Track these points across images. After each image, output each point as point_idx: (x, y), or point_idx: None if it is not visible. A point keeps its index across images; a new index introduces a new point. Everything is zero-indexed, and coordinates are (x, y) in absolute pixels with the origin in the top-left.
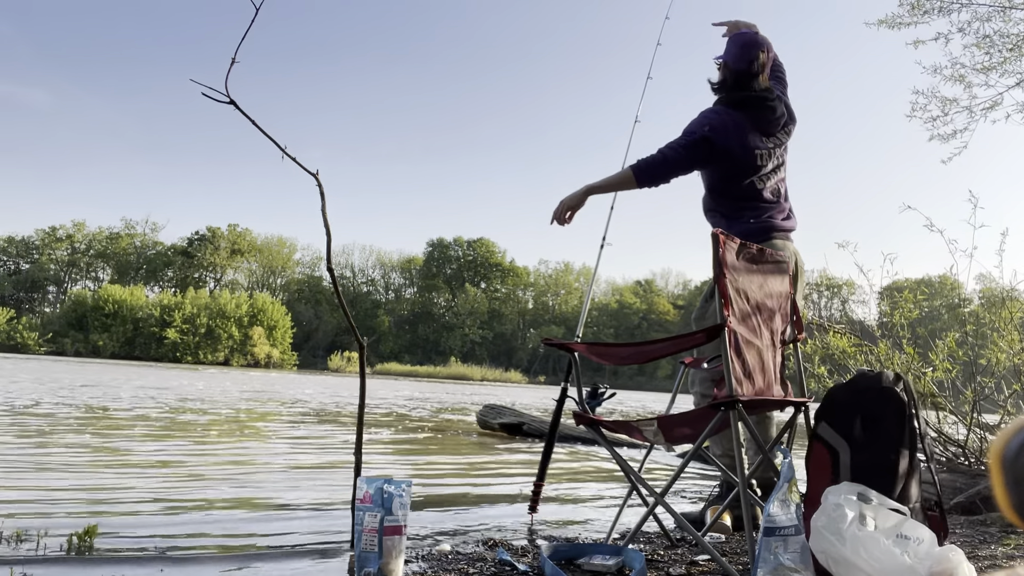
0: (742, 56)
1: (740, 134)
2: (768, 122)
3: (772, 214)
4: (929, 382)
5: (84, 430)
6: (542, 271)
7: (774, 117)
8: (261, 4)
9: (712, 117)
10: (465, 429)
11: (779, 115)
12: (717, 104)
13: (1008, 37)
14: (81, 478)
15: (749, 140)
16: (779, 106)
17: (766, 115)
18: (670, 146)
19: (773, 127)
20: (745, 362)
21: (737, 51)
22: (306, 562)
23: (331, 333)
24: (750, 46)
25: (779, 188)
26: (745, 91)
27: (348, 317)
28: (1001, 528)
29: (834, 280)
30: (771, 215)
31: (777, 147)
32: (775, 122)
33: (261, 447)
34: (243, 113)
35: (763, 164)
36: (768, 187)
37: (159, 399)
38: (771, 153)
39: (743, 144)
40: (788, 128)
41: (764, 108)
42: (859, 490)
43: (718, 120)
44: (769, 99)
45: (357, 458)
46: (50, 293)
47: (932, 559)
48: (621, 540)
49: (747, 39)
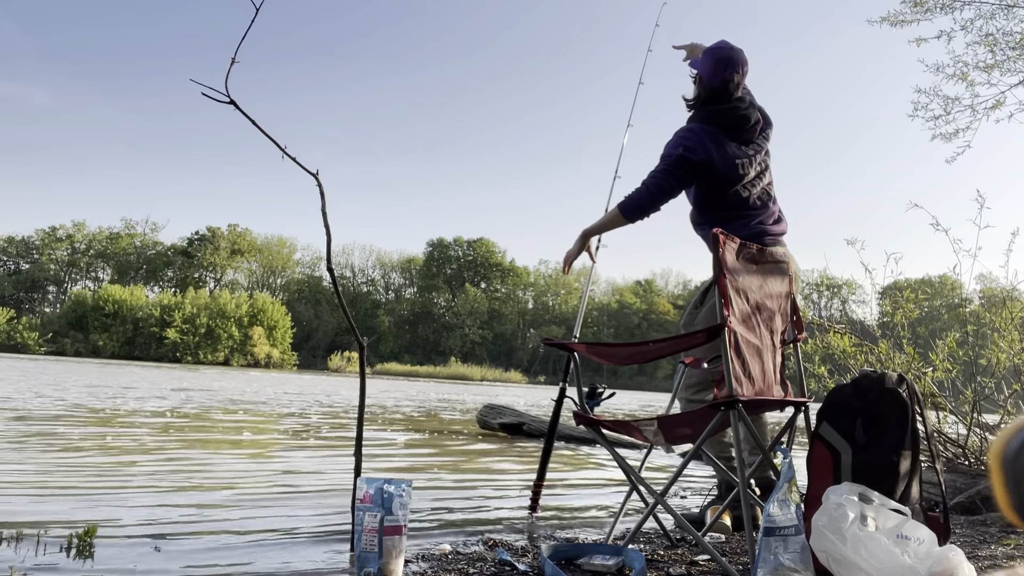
0: (716, 74)
1: (718, 147)
2: (744, 130)
3: (762, 219)
4: (929, 382)
5: (103, 432)
6: (542, 271)
7: (749, 125)
8: (261, 4)
9: (686, 136)
10: (465, 429)
11: (755, 122)
12: (691, 121)
13: (1012, 35)
14: (81, 478)
15: (728, 151)
16: (753, 113)
17: (741, 124)
18: (651, 175)
19: (750, 134)
20: (745, 362)
21: (712, 68)
22: (307, 562)
23: (331, 333)
24: (725, 64)
25: (766, 193)
26: (719, 105)
27: (348, 317)
28: (1001, 528)
29: (834, 280)
30: (760, 221)
31: (757, 153)
32: (751, 129)
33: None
34: (243, 113)
35: (745, 172)
36: (754, 194)
37: (201, 400)
38: (752, 160)
39: (722, 156)
40: (766, 133)
41: (739, 118)
42: (860, 490)
43: (692, 137)
44: (742, 107)
45: (357, 458)
46: (50, 293)
47: (932, 559)
48: (621, 540)
49: (722, 56)
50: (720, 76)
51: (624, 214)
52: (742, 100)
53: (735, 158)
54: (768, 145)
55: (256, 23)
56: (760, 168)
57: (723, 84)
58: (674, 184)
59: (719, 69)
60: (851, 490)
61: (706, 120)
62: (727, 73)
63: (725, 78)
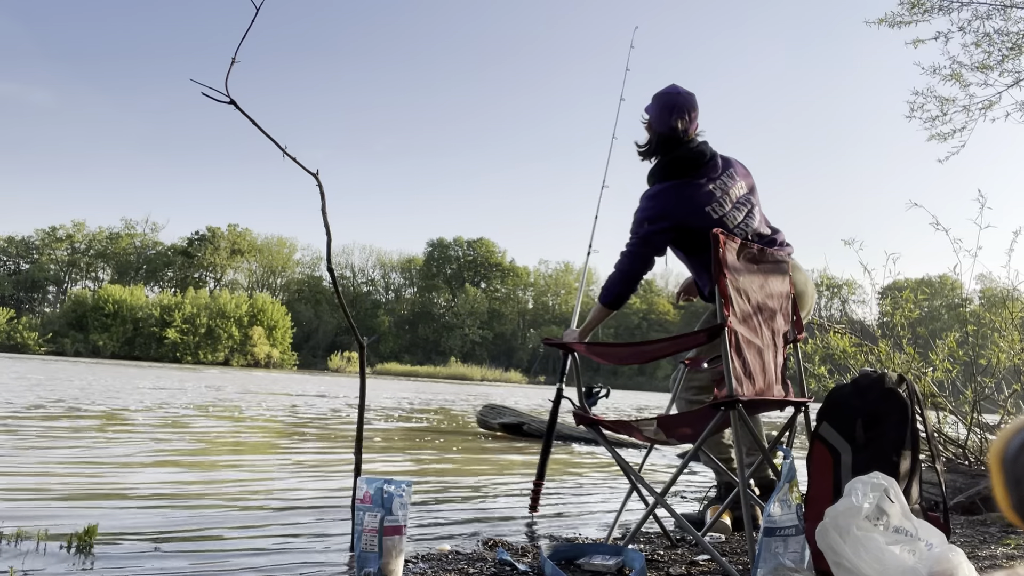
0: (663, 121)
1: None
2: (705, 166)
3: None
4: (929, 382)
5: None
6: (542, 271)
7: (707, 159)
8: (261, 4)
9: (646, 210)
10: (465, 429)
11: (710, 156)
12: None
13: (1008, 35)
14: (82, 478)
15: (697, 201)
16: (707, 148)
17: (699, 160)
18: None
19: (712, 171)
20: (745, 362)
21: (658, 114)
22: (307, 562)
23: (331, 333)
24: (671, 110)
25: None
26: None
27: (348, 317)
28: (1001, 528)
29: (834, 280)
30: None
31: (726, 192)
32: (711, 165)
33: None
34: (243, 113)
35: (722, 215)
36: (748, 231)
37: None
38: (723, 201)
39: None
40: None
41: (694, 155)
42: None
43: (653, 209)
44: (693, 145)
45: (357, 458)
46: (50, 293)
47: (932, 559)
48: (621, 540)
49: (668, 102)
50: (667, 123)
51: (607, 305)
52: (692, 140)
53: (705, 205)
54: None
55: (256, 23)
56: (738, 200)
57: (671, 131)
58: (645, 263)
59: (665, 115)
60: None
61: (665, 172)
62: (672, 120)
63: (671, 124)
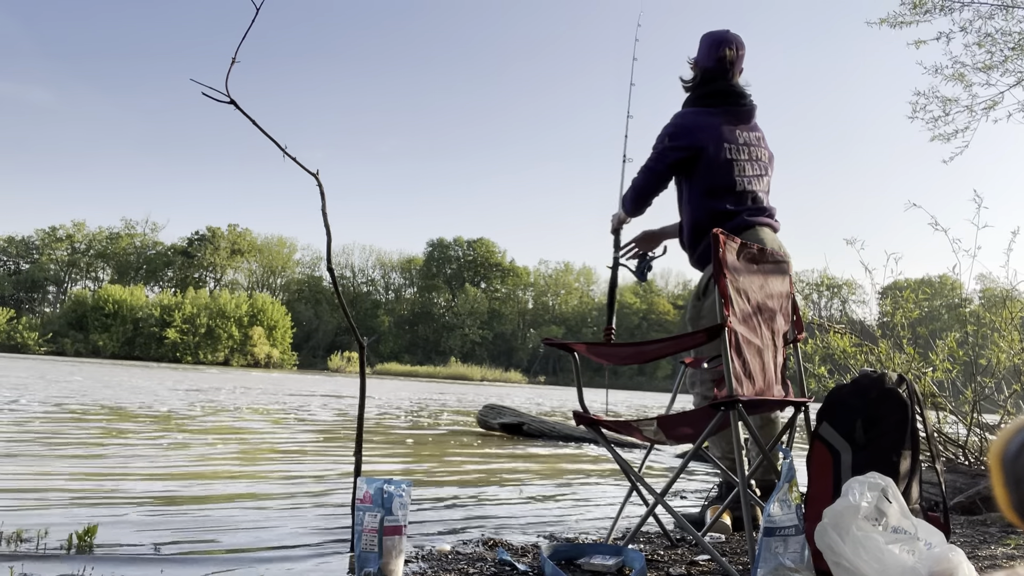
0: (710, 54)
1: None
2: (741, 108)
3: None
4: (929, 382)
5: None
6: (542, 271)
7: (743, 105)
8: (261, 4)
9: (670, 128)
10: (465, 429)
11: (748, 106)
12: (685, 105)
13: (1010, 35)
14: (82, 478)
15: (721, 133)
16: (748, 97)
17: (736, 100)
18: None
19: (746, 120)
20: (745, 362)
21: (706, 49)
22: (307, 562)
23: (331, 333)
24: (718, 43)
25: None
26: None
27: (348, 317)
28: (1001, 528)
29: (834, 280)
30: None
31: (755, 146)
32: (745, 114)
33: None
34: (243, 113)
35: (734, 157)
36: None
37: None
38: (745, 147)
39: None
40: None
41: (735, 93)
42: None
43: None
44: (736, 89)
45: (357, 458)
46: (50, 293)
47: (932, 559)
48: (621, 540)
49: (715, 36)
50: (713, 55)
51: (625, 211)
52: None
53: (725, 141)
54: (768, 153)
55: (258, 23)
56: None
57: (716, 62)
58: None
59: (713, 49)
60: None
61: (699, 101)
62: (720, 51)
63: (718, 55)
